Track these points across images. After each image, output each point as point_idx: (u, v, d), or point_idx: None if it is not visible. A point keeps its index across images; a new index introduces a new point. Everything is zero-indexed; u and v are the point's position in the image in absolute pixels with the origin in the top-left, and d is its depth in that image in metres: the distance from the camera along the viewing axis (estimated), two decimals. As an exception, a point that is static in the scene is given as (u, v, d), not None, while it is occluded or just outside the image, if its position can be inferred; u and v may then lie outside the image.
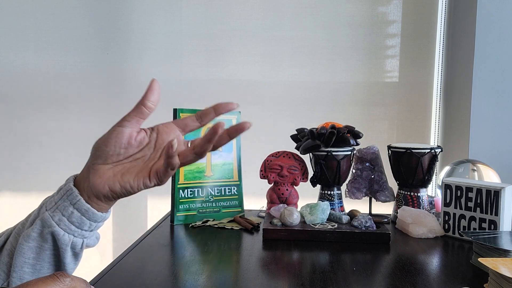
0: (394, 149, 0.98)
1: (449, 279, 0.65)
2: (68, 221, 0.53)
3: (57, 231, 0.52)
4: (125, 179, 0.53)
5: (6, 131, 1.75)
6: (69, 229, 0.53)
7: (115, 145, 0.52)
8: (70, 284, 0.37)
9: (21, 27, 1.72)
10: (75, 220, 0.53)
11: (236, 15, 1.69)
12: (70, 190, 0.53)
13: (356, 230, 0.84)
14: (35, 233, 0.52)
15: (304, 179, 1.01)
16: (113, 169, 0.53)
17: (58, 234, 0.52)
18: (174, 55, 1.72)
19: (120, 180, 0.53)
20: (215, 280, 0.64)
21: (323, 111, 1.70)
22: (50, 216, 0.52)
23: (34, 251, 0.52)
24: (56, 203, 0.53)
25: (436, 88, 1.68)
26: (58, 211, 0.52)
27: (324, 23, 1.68)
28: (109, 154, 0.52)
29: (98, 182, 0.52)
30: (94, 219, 0.54)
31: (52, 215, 0.52)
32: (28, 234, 0.52)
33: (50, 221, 0.52)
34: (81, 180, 0.54)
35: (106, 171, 0.53)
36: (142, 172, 0.53)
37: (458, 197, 0.86)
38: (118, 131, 0.52)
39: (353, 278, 0.65)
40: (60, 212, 0.52)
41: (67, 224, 0.53)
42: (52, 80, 1.73)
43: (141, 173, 0.53)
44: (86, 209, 0.53)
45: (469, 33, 1.43)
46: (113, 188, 0.53)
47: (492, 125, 1.41)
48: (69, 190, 0.53)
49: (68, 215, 0.52)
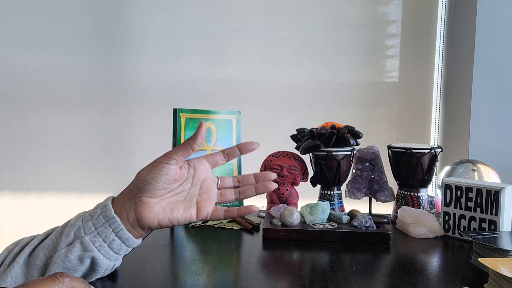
0: (394, 149, 0.98)
1: (449, 279, 0.65)
2: (109, 247, 0.55)
3: (98, 256, 0.55)
4: (174, 215, 0.57)
5: (6, 131, 1.75)
6: (108, 254, 0.56)
7: (164, 181, 0.55)
8: (69, 284, 0.37)
9: (21, 27, 1.72)
10: (115, 246, 0.56)
11: (236, 15, 1.69)
12: (113, 219, 0.55)
13: (356, 230, 0.84)
14: (73, 255, 0.54)
15: (304, 179, 1.01)
16: (160, 203, 0.57)
17: (98, 258, 0.55)
18: (174, 55, 1.72)
19: (169, 216, 0.57)
20: (215, 280, 0.64)
21: (323, 111, 1.70)
22: (91, 242, 0.54)
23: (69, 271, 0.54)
24: (96, 228, 0.55)
25: (436, 88, 1.68)
26: (99, 236, 0.54)
27: (324, 23, 1.68)
28: (158, 189, 0.55)
29: (148, 216, 0.55)
30: (131, 246, 0.58)
31: (93, 240, 0.54)
32: (66, 255, 0.54)
33: (92, 247, 0.54)
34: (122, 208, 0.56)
35: (154, 205, 0.56)
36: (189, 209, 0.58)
37: (458, 197, 0.86)
38: (167, 168, 0.55)
39: (353, 278, 0.65)
40: (101, 238, 0.55)
41: (107, 250, 0.55)
42: (52, 80, 1.73)
43: (188, 210, 0.58)
44: (127, 238, 0.56)
45: (469, 33, 1.43)
46: (162, 222, 0.57)
47: (492, 125, 1.41)
48: (111, 218, 0.55)
49: (110, 242, 0.55)
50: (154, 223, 0.56)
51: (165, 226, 0.58)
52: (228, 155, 0.62)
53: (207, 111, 1.02)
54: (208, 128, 1.02)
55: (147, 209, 0.55)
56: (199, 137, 0.57)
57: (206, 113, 1.02)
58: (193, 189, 0.60)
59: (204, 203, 0.60)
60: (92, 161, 1.75)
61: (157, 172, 0.55)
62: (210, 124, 1.02)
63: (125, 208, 0.56)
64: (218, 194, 0.62)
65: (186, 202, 0.59)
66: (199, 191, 0.60)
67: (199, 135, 0.57)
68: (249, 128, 1.51)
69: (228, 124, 1.05)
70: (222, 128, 1.04)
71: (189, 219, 0.58)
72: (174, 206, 0.57)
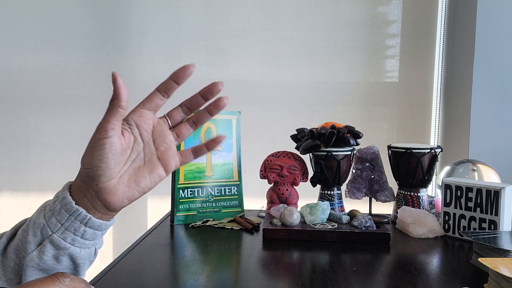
0: (394, 149, 0.98)
1: (449, 279, 0.65)
2: (82, 239, 0.52)
3: (74, 250, 0.51)
4: (141, 185, 0.52)
5: (6, 131, 1.75)
6: (84, 244, 0.52)
7: (113, 158, 0.49)
8: (69, 284, 0.37)
9: (21, 27, 1.72)
10: (89, 236, 0.52)
11: (236, 15, 1.69)
12: (77, 211, 0.51)
13: (356, 230, 0.84)
14: (47, 256, 0.50)
15: (304, 179, 1.01)
16: (122, 181, 0.51)
17: (75, 252, 0.52)
18: (174, 55, 1.72)
19: (137, 188, 0.52)
20: (215, 280, 0.64)
21: (323, 111, 1.70)
22: (61, 239, 0.50)
23: (47, 272, 0.51)
24: (62, 224, 0.51)
25: (436, 88, 1.68)
26: (68, 232, 0.51)
27: (324, 23, 1.68)
28: (111, 168, 0.50)
29: (115, 200, 0.51)
30: (105, 229, 0.54)
31: (63, 237, 0.50)
32: (39, 257, 0.50)
33: (64, 243, 0.50)
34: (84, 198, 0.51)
35: (117, 187, 0.51)
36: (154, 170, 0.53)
37: (458, 197, 0.86)
38: (109, 143, 0.49)
39: (353, 278, 0.65)
40: (72, 233, 0.51)
41: (81, 241, 0.52)
42: (52, 80, 1.73)
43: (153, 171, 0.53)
44: (99, 225, 0.52)
45: (469, 33, 1.43)
46: (132, 198, 0.52)
47: (492, 125, 1.41)
48: (75, 211, 0.51)
49: (81, 234, 0.51)
50: (124, 203, 0.51)
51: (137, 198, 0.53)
52: (165, 90, 0.56)
53: (207, 111, 1.02)
54: (208, 128, 1.02)
55: (111, 193, 0.50)
56: (120, 91, 0.49)
57: (206, 113, 1.02)
58: (148, 147, 0.53)
59: (166, 155, 0.54)
60: (92, 161, 1.74)
61: (100, 152, 0.49)
62: (210, 124, 1.02)
63: (87, 198, 0.51)
64: (175, 136, 0.56)
65: (148, 165, 0.53)
66: (155, 145, 0.53)
67: (118, 88, 0.49)
68: (249, 128, 1.51)
69: (228, 124, 1.05)
70: (222, 128, 1.04)
71: (159, 179, 0.53)
72: (137, 175, 0.52)
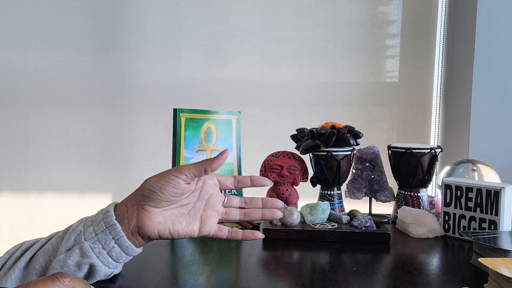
0: (394, 149, 0.98)
1: (449, 279, 0.65)
2: (108, 255, 0.54)
3: (96, 263, 0.54)
4: (175, 228, 0.56)
5: (6, 131, 1.75)
6: (107, 262, 0.55)
7: (170, 194, 0.55)
8: (69, 284, 0.37)
9: (21, 27, 1.72)
10: (114, 254, 0.55)
11: (236, 15, 1.69)
12: (114, 225, 0.54)
13: (356, 230, 0.84)
14: (71, 261, 0.53)
15: (304, 179, 1.01)
16: (163, 214, 0.56)
17: (97, 265, 0.54)
18: (174, 55, 1.72)
19: (170, 228, 0.56)
20: (215, 280, 0.64)
21: (323, 111, 1.70)
22: (90, 248, 0.53)
23: None
24: (96, 234, 0.54)
25: (436, 88, 1.68)
26: (98, 243, 0.53)
27: (324, 23, 1.68)
28: (163, 200, 0.55)
29: (149, 225, 0.54)
30: (131, 254, 0.56)
31: (92, 246, 0.53)
32: (64, 260, 0.53)
33: (90, 253, 0.53)
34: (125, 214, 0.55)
35: (157, 215, 0.55)
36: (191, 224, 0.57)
37: (458, 197, 0.86)
38: (176, 181, 0.54)
39: (353, 278, 0.65)
40: (101, 245, 0.53)
41: (106, 257, 0.54)
42: (52, 80, 1.73)
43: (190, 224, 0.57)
44: (127, 246, 0.55)
45: (469, 33, 1.43)
46: (162, 233, 0.55)
47: (492, 125, 1.41)
48: (112, 224, 0.54)
49: (109, 249, 0.54)
50: (154, 233, 0.55)
51: (166, 238, 0.57)
52: (239, 183, 0.62)
53: (207, 111, 1.02)
54: (208, 128, 1.02)
55: (149, 218, 0.55)
56: (217, 162, 0.56)
57: (206, 113, 1.02)
58: (199, 203, 0.59)
59: (208, 219, 0.59)
60: (92, 161, 1.75)
61: (164, 183, 0.54)
62: (210, 124, 1.02)
63: (127, 215, 0.55)
64: (223, 212, 0.61)
65: (190, 216, 0.58)
66: (205, 206, 0.59)
67: (218, 160, 0.56)
68: (249, 128, 1.51)
69: (228, 124, 1.05)
70: (222, 128, 1.04)
71: (191, 233, 0.57)
72: (177, 218, 0.57)
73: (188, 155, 0.98)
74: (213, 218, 0.59)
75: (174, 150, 0.97)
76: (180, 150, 0.97)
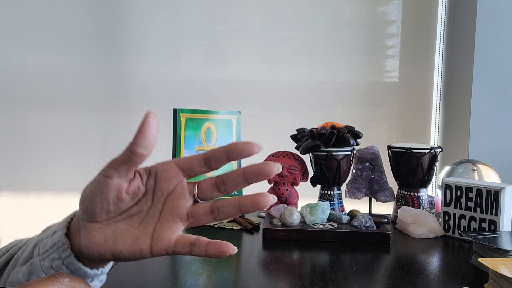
0: (394, 149, 0.98)
1: (449, 279, 0.65)
2: None
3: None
4: (117, 248, 0.40)
5: (6, 131, 1.75)
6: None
7: (101, 202, 0.40)
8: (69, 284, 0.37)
9: (21, 27, 1.72)
10: None
11: (236, 15, 1.69)
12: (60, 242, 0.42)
13: (356, 230, 0.84)
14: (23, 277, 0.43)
15: (304, 179, 1.01)
16: (104, 230, 0.41)
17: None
18: (174, 55, 1.72)
19: (111, 249, 0.40)
20: (215, 280, 0.64)
21: (323, 111, 1.70)
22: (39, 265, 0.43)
23: None
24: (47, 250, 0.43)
25: (436, 88, 1.68)
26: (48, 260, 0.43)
27: (324, 23, 1.68)
28: (96, 212, 0.40)
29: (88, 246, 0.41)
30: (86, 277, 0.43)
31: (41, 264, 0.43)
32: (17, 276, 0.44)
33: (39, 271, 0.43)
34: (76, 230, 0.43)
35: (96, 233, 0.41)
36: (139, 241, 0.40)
37: (458, 197, 0.86)
38: (104, 183, 0.40)
39: (353, 278, 0.65)
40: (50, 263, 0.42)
41: None
42: (52, 80, 1.73)
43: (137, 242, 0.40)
44: (76, 268, 0.42)
45: (469, 33, 1.43)
46: (104, 256, 0.41)
47: (492, 125, 1.41)
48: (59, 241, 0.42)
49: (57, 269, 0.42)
50: (95, 256, 0.41)
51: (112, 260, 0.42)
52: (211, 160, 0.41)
53: (207, 111, 1.02)
54: (208, 128, 1.02)
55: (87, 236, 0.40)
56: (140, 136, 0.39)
57: (206, 113, 1.02)
58: (153, 210, 0.41)
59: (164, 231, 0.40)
60: (92, 161, 1.75)
61: (93, 188, 0.40)
62: (210, 124, 1.02)
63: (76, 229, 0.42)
64: (189, 214, 0.41)
65: (139, 231, 0.41)
66: (161, 211, 0.41)
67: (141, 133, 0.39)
68: (249, 128, 1.51)
69: (228, 124, 1.05)
70: (222, 128, 1.04)
71: (139, 254, 0.40)
72: (120, 235, 0.40)
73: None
74: (172, 228, 0.41)
75: (174, 150, 0.97)
76: (180, 150, 0.97)
